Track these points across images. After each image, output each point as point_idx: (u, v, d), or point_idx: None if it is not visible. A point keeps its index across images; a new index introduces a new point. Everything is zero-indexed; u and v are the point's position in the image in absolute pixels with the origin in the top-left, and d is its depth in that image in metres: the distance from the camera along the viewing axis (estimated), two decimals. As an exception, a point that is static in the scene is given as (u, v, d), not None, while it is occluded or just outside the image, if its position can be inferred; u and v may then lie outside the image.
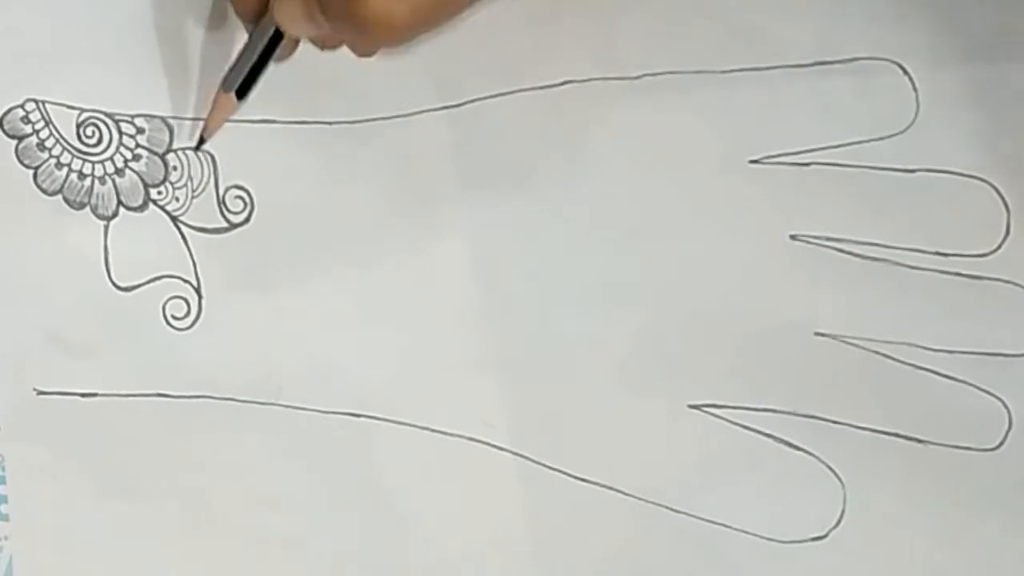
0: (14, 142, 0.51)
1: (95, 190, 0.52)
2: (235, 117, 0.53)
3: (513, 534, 0.54)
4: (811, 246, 0.57)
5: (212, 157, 0.53)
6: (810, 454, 0.56)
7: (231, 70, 0.51)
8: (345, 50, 0.51)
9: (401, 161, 0.54)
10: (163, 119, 0.52)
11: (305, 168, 0.53)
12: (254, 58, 0.50)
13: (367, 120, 0.53)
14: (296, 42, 0.51)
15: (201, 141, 0.52)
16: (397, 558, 0.53)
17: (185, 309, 0.52)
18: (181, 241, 0.53)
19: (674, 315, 0.56)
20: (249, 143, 0.52)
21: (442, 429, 0.54)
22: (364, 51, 0.48)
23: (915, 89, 0.57)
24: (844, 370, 0.56)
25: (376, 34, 0.46)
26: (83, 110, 0.52)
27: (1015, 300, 0.57)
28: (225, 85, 0.51)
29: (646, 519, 0.55)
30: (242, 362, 0.53)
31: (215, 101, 0.51)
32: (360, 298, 0.54)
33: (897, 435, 0.56)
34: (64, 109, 0.52)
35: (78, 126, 0.52)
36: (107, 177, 0.52)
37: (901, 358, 0.57)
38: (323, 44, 0.51)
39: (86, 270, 0.52)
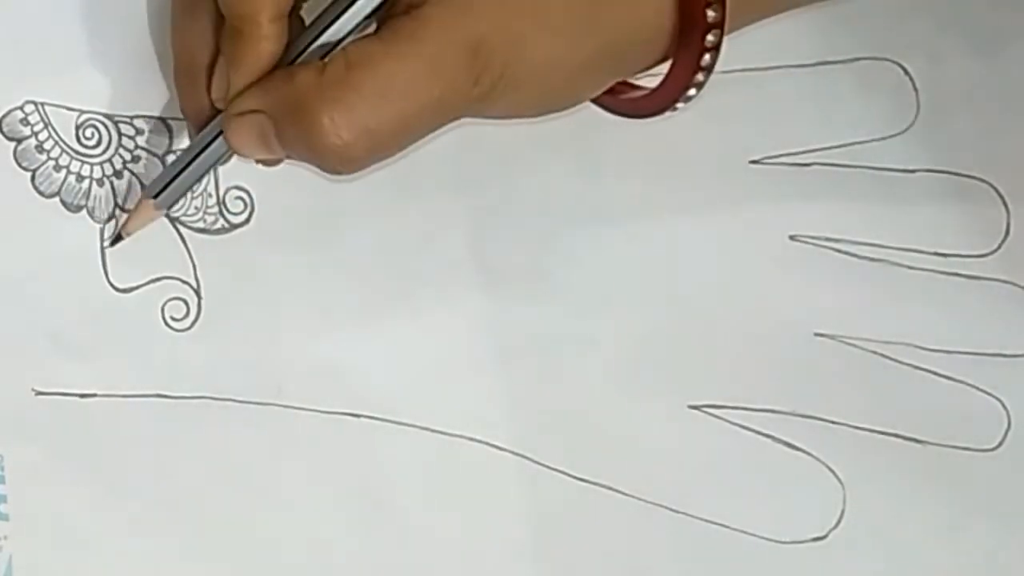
0: (13, 144, 0.51)
1: (93, 192, 0.52)
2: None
3: (513, 534, 0.54)
4: (811, 246, 0.57)
5: (212, 158, 0.53)
6: (810, 454, 0.56)
7: (162, 177, 0.50)
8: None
9: (401, 161, 0.54)
10: (163, 120, 0.52)
11: (305, 168, 0.53)
12: (197, 172, 0.50)
13: (367, 120, 0.53)
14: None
15: (119, 238, 0.52)
16: (397, 558, 0.53)
17: (184, 310, 0.52)
18: (180, 242, 0.52)
19: (674, 315, 0.56)
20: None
21: (442, 429, 0.54)
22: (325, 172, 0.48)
23: (915, 89, 0.57)
24: (843, 370, 0.56)
25: (332, 165, 0.47)
26: (82, 111, 0.52)
27: (1015, 300, 0.57)
28: (151, 191, 0.51)
29: (646, 519, 0.55)
30: (242, 362, 0.53)
31: (137, 207, 0.51)
32: (360, 298, 0.54)
33: (896, 435, 0.56)
34: (63, 111, 0.52)
35: (77, 128, 0.52)
36: (105, 179, 0.52)
37: (900, 358, 0.57)
38: (271, 164, 0.50)
39: (84, 272, 0.52)
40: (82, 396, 0.51)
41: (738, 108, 0.56)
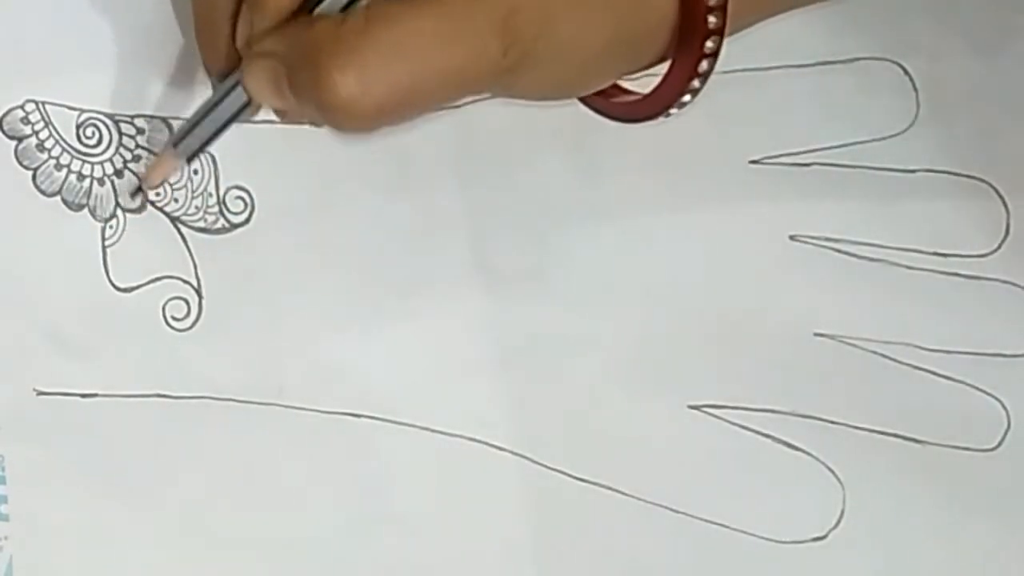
0: (13, 143, 0.51)
1: (94, 191, 0.52)
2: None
3: (513, 534, 0.54)
4: (811, 246, 0.57)
5: (212, 157, 0.53)
6: (809, 454, 0.56)
7: (185, 127, 0.50)
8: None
9: (401, 161, 0.54)
10: (163, 119, 0.52)
11: (305, 168, 0.53)
12: (217, 123, 0.50)
13: (367, 120, 0.53)
14: (259, 106, 0.50)
15: (139, 191, 0.52)
16: (397, 558, 0.53)
17: (185, 310, 0.52)
18: (181, 242, 0.52)
19: (674, 315, 0.56)
20: (249, 143, 0.52)
21: (442, 429, 0.54)
22: (333, 130, 0.48)
23: (915, 89, 0.57)
24: (843, 370, 0.56)
25: (338, 120, 0.46)
26: (83, 111, 0.52)
27: (1014, 300, 0.57)
28: (174, 141, 0.51)
29: (646, 519, 0.55)
30: (242, 362, 0.53)
31: (160, 159, 0.51)
32: (360, 298, 0.54)
33: (896, 435, 0.56)
34: (64, 110, 0.52)
35: (78, 127, 0.52)
36: (106, 178, 0.52)
37: (900, 358, 0.57)
38: (287, 118, 0.50)
39: (85, 271, 0.52)
40: (83, 396, 0.51)
41: (738, 108, 0.56)
